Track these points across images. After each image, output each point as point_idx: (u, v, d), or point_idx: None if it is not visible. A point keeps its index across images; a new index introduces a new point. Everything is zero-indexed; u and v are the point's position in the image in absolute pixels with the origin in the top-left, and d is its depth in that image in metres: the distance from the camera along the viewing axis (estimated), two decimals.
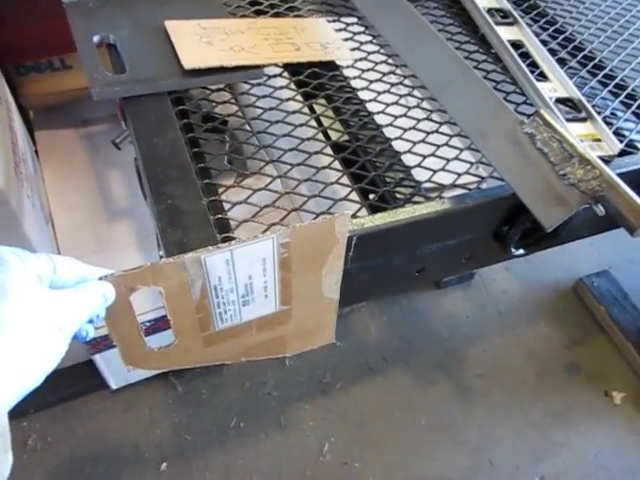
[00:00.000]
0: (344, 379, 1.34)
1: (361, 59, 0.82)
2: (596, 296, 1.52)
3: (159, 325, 1.04)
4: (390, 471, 1.22)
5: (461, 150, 0.68)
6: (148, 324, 1.02)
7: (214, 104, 0.74)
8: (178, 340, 0.52)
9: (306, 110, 0.75)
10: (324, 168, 0.65)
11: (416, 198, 0.63)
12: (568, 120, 0.72)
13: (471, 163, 0.67)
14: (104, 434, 1.20)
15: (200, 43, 0.76)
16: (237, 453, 1.20)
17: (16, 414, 1.19)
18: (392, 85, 0.78)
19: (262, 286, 0.52)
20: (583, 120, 0.74)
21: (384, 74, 0.80)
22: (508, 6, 0.92)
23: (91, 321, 0.43)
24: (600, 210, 0.53)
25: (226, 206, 0.60)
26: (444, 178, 0.65)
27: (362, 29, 0.88)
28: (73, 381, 1.22)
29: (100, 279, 0.43)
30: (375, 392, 1.33)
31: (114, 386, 1.21)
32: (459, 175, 0.65)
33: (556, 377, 1.41)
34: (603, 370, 1.43)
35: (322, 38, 0.84)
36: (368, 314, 1.45)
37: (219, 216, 0.57)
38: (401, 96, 0.77)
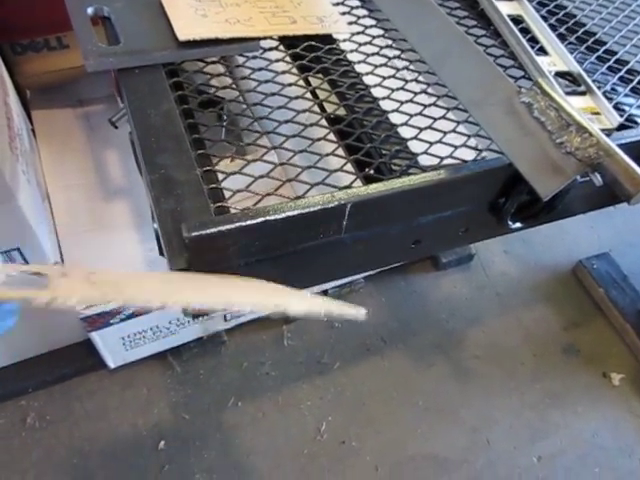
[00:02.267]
0: (342, 359, 1.34)
1: (358, 33, 0.81)
2: (595, 278, 1.52)
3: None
4: (387, 450, 1.22)
5: (458, 123, 0.68)
6: None
7: (209, 77, 0.73)
8: None
9: (302, 83, 0.74)
10: (319, 140, 0.64)
11: (412, 170, 0.62)
12: (567, 93, 0.71)
13: (468, 136, 0.66)
14: (102, 413, 1.21)
15: (195, 15, 0.75)
16: (235, 432, 1.21)
17: (15, 393, 1.19)
18: (389, 59, 0.77)
19: None
20: (582, 94, 0.73)
21: (381, 48, 0.79)
22: None
23: None
24: (597, 179, 0.52)
25: (220, 177, 0.60)
26: (441, 151, 0.65)
27: (360, 3, 0.87)
28: (71, 360, 1.22)
29: None
30: (373, 372, 1.33)
31: (112, 365, 1.22)
32: (456, 148, 0.65)
33: (554, 359, 1.42)
34: (601, 352, 1.44)
35: (319, 11, 0.83)
36: (367, 295, 1.45)
37: (213, 186, 0.56)
38: (398, 69, 0.76)
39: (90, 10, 0.73)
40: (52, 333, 1.18)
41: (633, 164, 0.49)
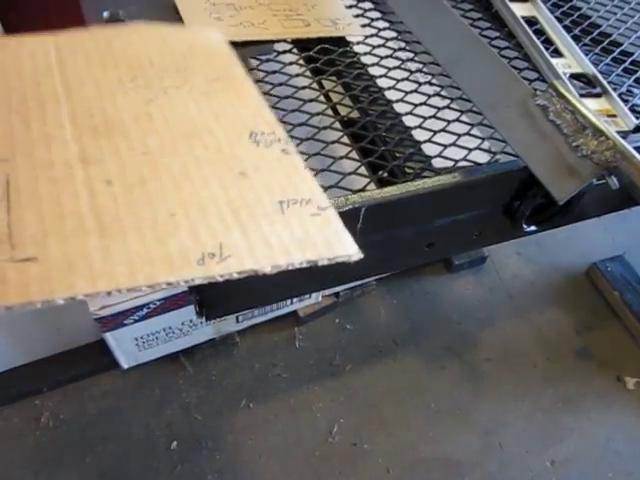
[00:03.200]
0: (354, 361, 1.34)
1: (372, 35, 0.81)
2: (609, 281, 1.51)
3: (168, 305, 1.05)
4: (399, 453, 1.22)
5: (472, 125, 0.67)
6: (158, 303, 1.02)
7: None
8: None
9: (316, 86, 0.74)
10: (333, 143, 0.64)
11: (426, 173, 0.62)
12: (582, 95, 0.70)
13: (482, 139, 0.66)
14: (115, 413, 1.22)
15: (209, 19, 0.76)
16: (247, 433, 1.21)
17: (29, 392, 1.20)
18: (403, 61, 0.77)
19: None
20: (598, 96, 0.72)
21: (395, 50, 0.79)
22: None
23: None
24: (614, 182, 0.52)
25: None
26: (455, 154, 0.65)
27: (373, 5, 0.87)
28: (85, 360, 1.24)
29: None
30: (385, 375, 1.33)
31: (125, 365, 1.22)
32: (470, 150, 0.64)
33: (567, 362, 1.41)
34: (615, 355, 1.42)
35: (332, 14, 0.83)
36: (378, 297, 1.45)
37: None
38: (412, 72, 0.76)
39: (106, 14, 0.73)
40: (66, 333, 1.19)
41: None
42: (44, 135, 0.40)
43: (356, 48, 0.80)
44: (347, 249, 0.42)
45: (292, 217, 0.43)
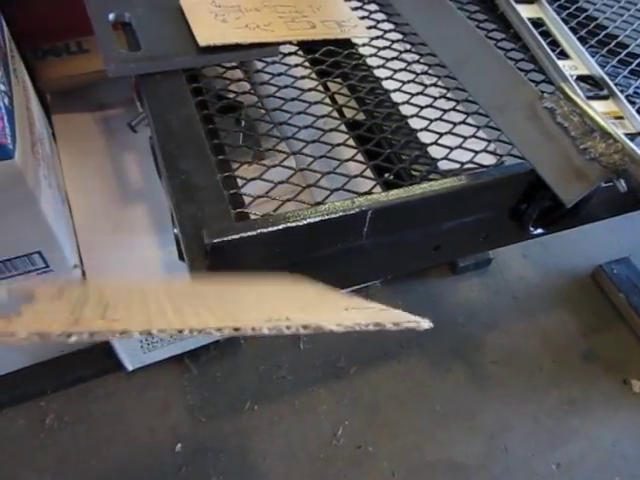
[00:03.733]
0: (359, 364, 1.33)
1: (377, 37, 0.81)
2: (615, 283, 1.50)
3: None
4: (404, 455, 1.22)
5: (478, 128, 0.67)
6: None
7: (228, 82, 0.73)
8: None
9: (321, 88, 0.74)
10: (338, 145, 0.64)
11: (432, 176, 0.62)
12: (589, 98, 0.70)
13: (489, 141, 0.66)
14: (120, 415, 1.21)
15: (215, 21, 0.76)
16: (251, 435, 1.21)
17: (34, 394, 1.21)
18: (409, 63, 0.77)
19: None
20: (605, 98, 0.72)
21: (401, 52, 0.79)
22: None
23: None
24: (622, 185, 0.51)
25: (240, 182, 0.60)
26: (461, 156, 0.64)
27: (378, 7, 0.87)
28: (89, 362, 1.23)
29: None
30: (390, 377, 1.33)
31: (130, 367, 1.22)
32: (476, 153, 0.64)
33: (573, 365, 1.40)
34: (622, 358, 1.42)
35: (338, 16, 0.83)
36: (384, 299, 1.44)
37: (233, 191, 0.56)
38: (418, 74, 0.76)
39: (111, 16, 0.74)
40: None
41: None
42: None
43: (362, 50, 0.80)
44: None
45: None
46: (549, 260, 1.59)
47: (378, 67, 0.77)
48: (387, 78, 0.75)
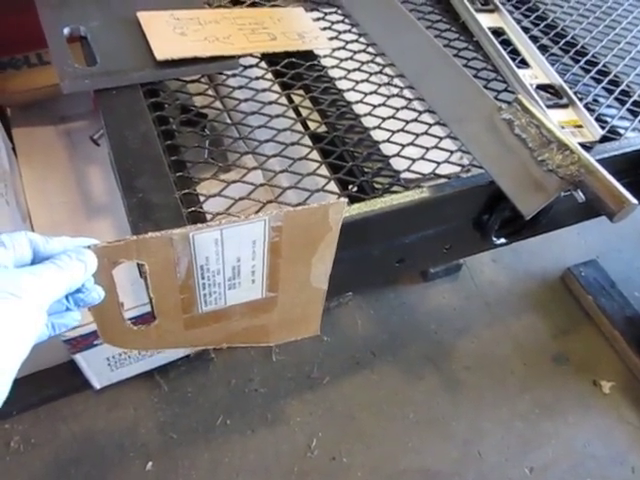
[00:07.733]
0: (331, 374, 1.33)
1: (339, 48, 0.81)
2: (584, 285, 1.52)
3: (142, 321, 1.03)
4: (378, 465, 1.21)
5: (441, 139, 0.67)
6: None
7: (189, 96, 0.72)
8: (159, 320, 0.51)
9: (284, 100, 0.73)
10: (301, 159, 0.64)
11: (395, 188, 0.62)
12: (549, 107, 0.71)
13: (451, 152, 0.66)
14: (88, 434, 1.18)
15: (173, 34, 0.74)
16: (224, 450, 1.19)
17: None
18: (371, 74, 0.77)
19: (250, 270, 0.50)
20: (564, 106, 0.73)
21: (363, 63, 0.78)
22: None
23: (77, 305, 0.41)
24: (580, 196, 0.52)
25: (201, 199, 0.59)
26: (424, 167, 0.64)
27: (340, 18, 0.87)
28: (56, 381, 1.20)
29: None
30: (363, 386, 1.32)
31: (97, 386, 1.20)
32: (438, 164, 0.64)
33: (544, 367, 1.41)
34: (591, 359, 1.43)
35: (299, 27, 0.82)
36: (355, 308, 1.44)
37: (192, 209, 0.55)
38: (380, 85, 0.75)
39: (66, 30, 0.72)
40: (36, 354, 1.15)
41: (614, 181, 0.49)
42: None
43: (323, 61, 0.79)
44: None
45: None
46: (519, 264, 1.60)
47: (340, 79, 0.76)
48: (349, 90, 0.74)
